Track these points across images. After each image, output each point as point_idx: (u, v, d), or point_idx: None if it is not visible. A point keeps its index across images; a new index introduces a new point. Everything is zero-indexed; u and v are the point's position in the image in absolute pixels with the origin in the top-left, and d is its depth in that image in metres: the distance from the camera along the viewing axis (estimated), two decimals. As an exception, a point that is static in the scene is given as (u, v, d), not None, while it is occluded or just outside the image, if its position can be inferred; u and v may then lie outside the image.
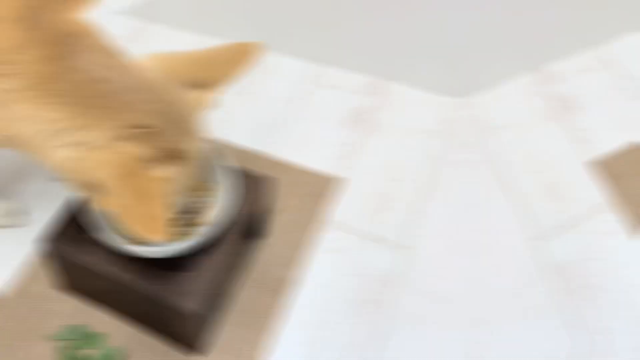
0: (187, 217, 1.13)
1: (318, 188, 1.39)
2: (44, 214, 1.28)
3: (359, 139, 1.52)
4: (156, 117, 0.86)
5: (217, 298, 1.16)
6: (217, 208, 1.11)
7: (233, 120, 1.52)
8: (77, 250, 1.06)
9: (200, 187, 1.15)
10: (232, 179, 1.09)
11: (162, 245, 0.99)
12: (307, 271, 1.24)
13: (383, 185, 1.42)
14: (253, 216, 1.12)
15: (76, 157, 0.84)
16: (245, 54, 0.97)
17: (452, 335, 1.17)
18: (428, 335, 1.17)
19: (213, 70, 0.96)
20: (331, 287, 1.22)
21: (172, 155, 0.87)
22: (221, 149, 1.12)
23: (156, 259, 1.03)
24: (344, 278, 1.24)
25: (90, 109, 0.83)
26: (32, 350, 1.11)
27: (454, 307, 1.21)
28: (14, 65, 0.83)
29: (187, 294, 1.01)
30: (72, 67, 0.83)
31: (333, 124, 1.55)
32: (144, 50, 0.98)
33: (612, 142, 1.52)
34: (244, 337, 1.14)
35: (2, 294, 1.17)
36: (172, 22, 1.79)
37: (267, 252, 1.25)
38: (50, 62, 0.83)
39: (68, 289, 1.18)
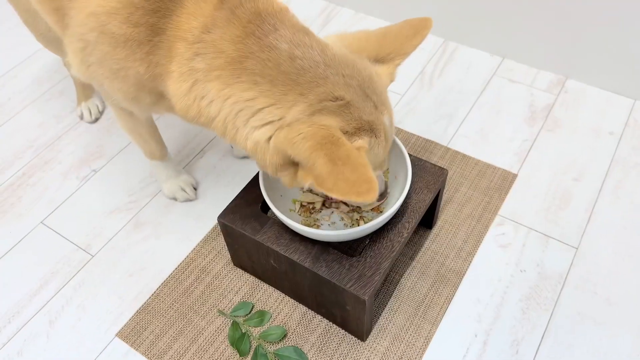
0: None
1: (493, 182, 1.41)
2: (214, 190, 1.45)
3: (538, 135, 1.51)
4: (350, 90, 0.85)
5: (382, 284, 1.22)
6: (391, 195, 1.17)
7: (414, 109, 1.59)
8: (250, 229, 1.11)
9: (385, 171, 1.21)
10: (406, 167, 1.11)
11: (335, 229, 1.04)
12: (472, 263, 1.28)
13: (559, 184, 1.40)
14: (424, 206, 1.15)
15: (275, 135, 0.83)
16: (421, 29, 0.95)
17: (616, 339, 1.14)
18: (588, 335, 1.15)
19: (395, 46, 0.94)
20: (494, 280, 1.25)
21: (367, 128, 0.86)
22: (397, 138, 1.17)
23: (328, 242, 1.08)
24: (508, 273, 1.26)
25: (283, 85, 0.82)
26: (207, 323, 1.21)
27: (620, 310, 1.18)
28: (205, 44, 0.85)
29: (363, 281, 1.03)
30: (265, 45, 0.83)
31: (513, 119, 1.56)
32: (330, 30, 0.93)
33: None
34: (404, 324, 1.19)
35: (180, 269, 1.30)
36: (357, 6, 1.89)
37: (434, 242, 1.31)
38: (240, 41, 0.83)
39: (241, 266, 1.29)
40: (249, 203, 1.16)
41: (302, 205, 1.19)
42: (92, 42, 0.93)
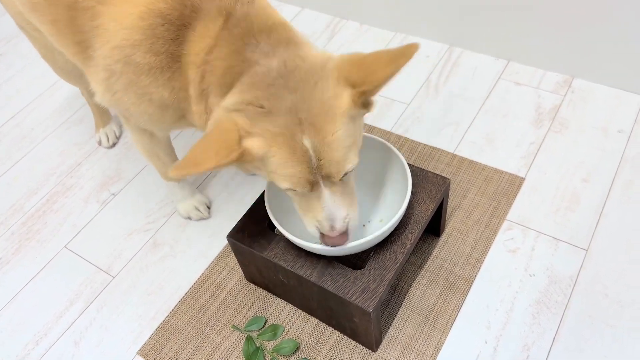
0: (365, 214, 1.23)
1: (500, 187, 1.42)
2: (226, 208, 1.50)
3: (545, 137, 1.51)
4: (279, 102, 0.88)
5: (391, 294, 1.24)
6: (393, 207, 1.19)
7: (420, 118, 1.61)
8: (258, 246, 1.15)
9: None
10: (407, 178, 1.12)
11: (340, 244, 1.03)
12: (481, 270, 1.28)
13: (567, 185, 1.40)
14: (427, 216, 1.17)
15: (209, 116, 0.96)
16: (398, 57, 0.89)
17: (629, 341, 1.14)
18: (600, 338, 1.15)
19: (367, 72, 0.90)
20: (503, 286, 1.25)
21: (270, 137, 0.89)
22: (398, 147, 1.18)
23: (332, 256, 1.11)
24: (517, 277, 1.26)
25: (239, 87, 0.91)
26: (222, 338, 1.25)
27: (633, 312, 1.17)
28: (207, 65, 0.93)
29: (368, 294, 1.05)
30: (242, 59, 0.91)
31: (520, 123, 1.56)
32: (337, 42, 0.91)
33: None
34: (414, 333, 1.21)
35: (196, 286, 1.35)
36: (361, 19, 1.90)
37: (442, 250, 1.32)
38: (227, 57, 0.91)
39: (253, 281, 1.32)
40: (257, 221, 1.19)
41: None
42: (117, 72, 0.99)
